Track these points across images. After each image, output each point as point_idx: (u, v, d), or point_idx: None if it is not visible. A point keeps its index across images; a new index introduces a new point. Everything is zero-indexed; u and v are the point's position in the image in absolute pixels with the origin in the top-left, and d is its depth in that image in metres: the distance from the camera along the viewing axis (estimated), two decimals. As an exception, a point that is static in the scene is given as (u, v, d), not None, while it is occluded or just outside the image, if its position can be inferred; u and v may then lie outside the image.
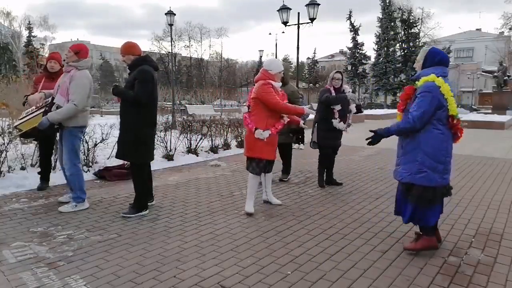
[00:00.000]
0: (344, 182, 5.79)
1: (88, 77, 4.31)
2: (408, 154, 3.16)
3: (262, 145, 4.20)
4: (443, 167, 3.08)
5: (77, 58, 4.22)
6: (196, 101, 36.73)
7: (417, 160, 3.09)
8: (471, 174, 6.38)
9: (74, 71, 4.19)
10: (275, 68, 4.28)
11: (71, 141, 4.26)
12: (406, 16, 37.84)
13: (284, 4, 14.11)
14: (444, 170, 3.11)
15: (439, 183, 3.09)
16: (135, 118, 4.02)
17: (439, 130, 3.05)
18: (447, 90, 2.99)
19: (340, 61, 53.62)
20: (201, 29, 52.81)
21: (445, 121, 3.06)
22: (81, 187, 4.32)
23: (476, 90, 44.28)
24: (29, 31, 44.25)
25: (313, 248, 3.32)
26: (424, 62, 3.15)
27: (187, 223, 3.94)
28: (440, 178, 3.09)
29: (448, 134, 3.10)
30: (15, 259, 3.04)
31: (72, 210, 4.21)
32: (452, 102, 3.01)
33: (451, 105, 3.01)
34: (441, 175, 3.09)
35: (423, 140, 3.08)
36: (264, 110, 4.19)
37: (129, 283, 2.69)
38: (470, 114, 20.43)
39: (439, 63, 3.10)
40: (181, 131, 8.22)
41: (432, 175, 3.06)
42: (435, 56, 3.12)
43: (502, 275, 2.84)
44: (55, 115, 4.09)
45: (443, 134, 3.06)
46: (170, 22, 18.72)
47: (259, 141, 4.17)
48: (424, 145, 3.07)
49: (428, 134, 3.07)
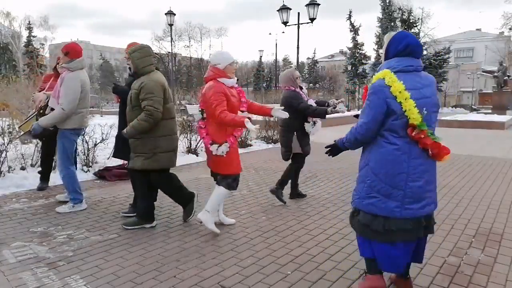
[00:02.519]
0: (344, 182, 5.79)
1: (80, 78, 4.10)
2: (360, 172, 2.48)
3: (229, 160, 3.51)
4: (402, 194, 2.28)
5: (68, 59, 4.07)
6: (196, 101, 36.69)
7: (366, 181, 2.39)
8: (471, 174, 6.38)
9: (65, 73, 4.08)
10: (223, 61, 3.54)
11: (62, 143, 4.20)
12: (406, 16, 37.80)
13: (284, 4, 14.13)
14: (407, 198, 2.28)
15: (397, 214, 2.28)
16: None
17: (393, 145, 2.28)
18: (399, 91, 2.21)
19: (340, 61, 53.62)
20: (201, 29, 52.86)
21: (403, 132, 2.27)
22: (74, 189, 4.28)
23: (476, 90, 44.24)
24: (29, 31, 44.20)
25: (313, 248, 3.32)
26: (387, 50, 2.40)
27: (187, 223, 3.94)
28: (399, 208, 2.28)
29: (411, 150, 2.28)
30: (15, 259, 3.04)
31: (69, 211, 4.20)
32: (409, 106, 2.21)
33: (409, 111, 2.21)
34: (400, 204, 2.28)
35: (372, 157, 2.37)
36: None
37: (129, 283, 2.69)
38: (470, 114, 20.43)
39: (404, 53, 2.32)
40: (181, 131, 8.22)
41: (385, 202, 2.30)
42: (398, 43, 2.33)
43: (502, 275, 2.83)
44: (44, 120, 4.05)
45: (399, 150, 2.27)
46: (170, 22, 18.74)
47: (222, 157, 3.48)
48: (373, 163, 2.35)
49: (377, 150, 2.34)
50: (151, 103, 3.49)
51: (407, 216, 2.30)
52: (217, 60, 3.56)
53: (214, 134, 3.50)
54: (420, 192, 2.31)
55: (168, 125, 3.70)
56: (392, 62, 2.34)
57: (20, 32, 44.25)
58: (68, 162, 4.28)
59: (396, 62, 2.32)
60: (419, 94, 2.27)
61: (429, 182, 2.35)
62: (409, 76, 2.28)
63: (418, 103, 2.23)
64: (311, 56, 58.72)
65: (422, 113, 2.23)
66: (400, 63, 2.31)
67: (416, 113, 2.22)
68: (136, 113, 3.58)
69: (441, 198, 4.61)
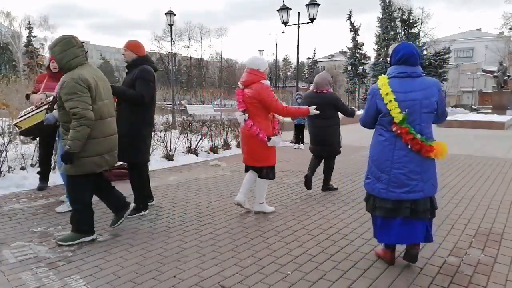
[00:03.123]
0: (344, 182, 5.79)
1: None
2: None
3: (272, 152, 4.12)
4: (388, 178, 2.73)
5: None
6: (196, 101, 36.71)
7: (367, 166, 2.96)
8: (471, 174, 6.38)
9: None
10: (263, 65, 4.08)
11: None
12: (406, 16, 37.81)
13: (284, 4, 14.11)
14: (391, 183, 2.72)
15: (382, 194, 2.77)
16: (133, 117, 3.99)
17: (382, 137, 2.79)
18: (385, 93, 2.68)
19: (340, 61, 53.63)
20: (201, 29, 52.88)
21: (389, 127, 2.73)
22: None
23: (476, 90, 44.29)
24: (29, 31, 44.21)
25: (313, 248, 3.32)
26: (390, 59, 2.89)
27: (187, 223, 3.94)
28: (385, 190, 2.76)
29: (396, 143, 2.72)
30: (15, 259, 3.04)
31: (68, 209, 4.20)
32: (392, 107, 2.65)
33: (392, 111, 2.66)
34: (386, 186, 2.75)
35: (372, 144, 2.92)
36: (265, 114, 4.05)
37: (129, 283, 2.69)
38: (470, 114, 20.44)
39: (399, 62, 2.76)
40: (181, 131, 8.23)
41: (375, 183, 2.83)
42: (396, 54, 2.78)
43: (502, 275, 2.83)
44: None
45: (386, 141, 2.76)
46: (170, 22, 18.72)
47: (268, 149, 4.05)
48: (372, 150, 2.91)
49: (373, 140, 2.90)
50: (75, 105, 3.11)
51: (391, 197, 2.74)
52: (258, 65, 4.06)
53: (265, 129, 4.01)
54: (403, 179, 2.71)
55: (97, 126, 3.27)
56: (389, 70, 2.83)
57: (20, 32, 44.25)
58: None
59: (392, 70, 2.80)
60: (405, 97, 2.67)
61: (413, 172, 2.71)
62: (401, 81, 2.72)
63: (402, 104, 2.66)
64: (311, 56, 58.88)
65: (403, 112, 2.64)
66: (394, 70, 2.78)
67: (397, 113, 2.65)
68: (62, 114, 3.27)
69: (441, 198, 4.61)
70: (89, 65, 3.40)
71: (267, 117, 4.08)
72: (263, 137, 3.97)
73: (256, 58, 4.18)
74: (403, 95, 2.66)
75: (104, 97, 3.37)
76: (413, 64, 2.74)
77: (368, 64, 41.84)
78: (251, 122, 4.03)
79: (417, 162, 2.70)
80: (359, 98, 41.77)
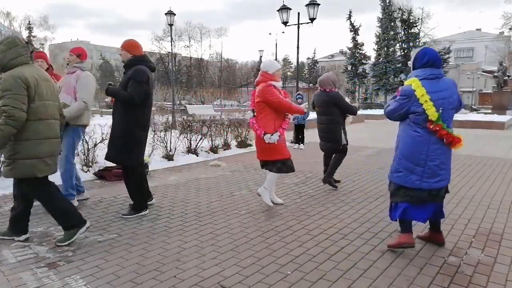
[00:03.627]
0: (344, 182, 5.79)
1: (93, 77, 4.58)
2: (395, 152, 3.23)
3: (279, 147, 4.28)
4: (422, 170, 3.02)
5: (80, 60, 4.48)
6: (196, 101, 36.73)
7: (396, 159, 3.16)
8: (471, 174, 6.38)
9: (79, 72, 4.41)
10: (271, 68, 4.35)
11: (72, 138, 4.38)
12: (406, 16, 37.79)
13: (284, 4, 14.11)
14: (425, 174, 3.03)
15: (416, 185, 3.05)
16: (126, 118, 3.98)
17: (417, 133, 3.02)
18: (421, 95, 2.93)
19: (340, 61, 53.60)
20: (201, 29, 52.96)
21: (424, 124, 2.99)
22: (71, 185, 4.41)
23: (476, 90, 44.25)
24: (29, 31, 44.26)
25: (313, 248, 3.32)
26: (414, 63, 3.14)
27: (187, 223, 3.94)
28: (419, 180, 3.04)
29: (430, 138, 3.00)
30: (15, 259, 3.04)
31: None
32: (428, 106, 2.92)
33: (428, 110, 2.92)
34: (420, 177, 3.03)
35: (401, 140, 3.14)
36: (270, 112, 4.27)
37: (129, 283, 2.69)
38: (470, 114, 20.44)
39: (427, 65, 3.04)
40: (181, 131, 8.23)
41: (407, 176, 3.06)
42: (422, 57, 3.07)
43: (502, 275, 2.83)
44: (68, 112, 4.06)
45: (421, 137, 3.01)
46: (170, 22, 18.71)
47: (273, 144, 4.23)
48: (401, 145, 3.13)
49: (405, 135, 3.10)
50: (7, 102, 2.97)
51: (425, 187, 3.04)
52: (268, 67, 4.36)
53: (266, 126, 4.25)
54: (436, 170, 3.03)
55: (33, 127, 3.13)
56: (418, 72, 3.06)
57: (20, 32, 44.25)
58: (72, 158, 4.45)
59: (420, 72, 3.04)
60: (437, 96, 2.94)
61: (443, 163, 3.06)
62: (430, 82, 2.98)
63: (436, 103, 2.93)
64: (311, 56, 58.78)
65: (438, 111, 2.92)
66: (423, 72, 3.03)
67: (433, 112, 2.92)
68: None
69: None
70: (33, 65, 3.29)
71: (269, 115, 4.27)
72: (260, 133, 4.27)
73: (266, 61, 4.56)
74: (435, 95, 2.94)
75: (46, 98, 3.22)
76: (439, 66, 3.08)
77: (368, 64, 41.81)
78: (253, 120, 4.38)
79: (446, 154, 3.07)
80: (359, 98, 41.73)
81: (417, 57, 3.10)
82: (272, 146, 4.26)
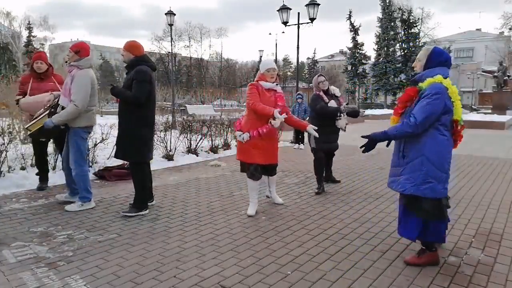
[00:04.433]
0: (344, 182, 5.79)
1: (90, 76, 4.24)
2: (412, 162, 2.85)
3: (248, 148, 4.16)
4: (446, 176, 2.84)
5: (78, 57, 4.19)
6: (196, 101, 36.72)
7: (422, 169, 2.79)
8: (471, 174, 6.38)
9: (75, 71, 4.17)
10: (261, 67, 4.30)
11: (75, 141, 4.26)
12: (406, 16, 37.80)
13: (284, 4, 14.12)
14: (446, 180, 2.87)
15: (442, 194, 2.84)
16: (133, 118, 4.04)
17: (444, 136, 2.79)
18: (455, 93, 2.78)
19: (340, 61, 53.62)
20: (201, 29, 52.95)
21: (449, 126, 2.83)
22: (86, 187, 4.33)
23: (476, 90, 44.28)
24: (29, 31, 44.26)
25: (313, 248, 3.32)
26: (427, 61, 2.89)
27: (187, 223, 3.94)
28: (443, 188, 2.84)
29: (450, 141, 2.87)
30: (15, 259, 3.04)
31: (78, 209, 4.22)
32: (458, 106, 2.81)
33: (457, 109, 2.80)
34: (443, 185, 2.84)
35: (428, 146, 2.78)
36: (251, 112, 4.20)
37: (129, 283, 2.69)
38: (470, 114, 20.44)
39: (444, 64, 2.86)
40: (181, 131, 8.23)
41: (437, 186, 2.80)
42: (440, 55, 2.87)
43: (502, 275, 2.83)
44: (58, 117, 4.11)
45: (448, 140, 2.82)
46: (170, 22, 18.73)
47: (244, 144, 4.17)
48: (429, 152, 2.78)
49: (433, 141, 2.78)
50: None
51: (446, 194, 2.88)
52: (260, 66, 4.35)
53: (243, 125, 4.25)
54: (449, 174, 2.89)
55: None
56: (438, 70, 2.82)
57: (20, 32, 44.29)
58: (81, 160, 4.32)
59: (441, 71, 2.83)
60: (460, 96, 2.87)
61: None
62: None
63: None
64: (311, 56, 58.84)
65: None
66: (444, 72, 2.83)
67: (460, 111, 2.83)
68: None
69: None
70: None
71: (250, 115, 4.22)
72: (236, 130, 4.35)
73: (263, 60, 4.64)
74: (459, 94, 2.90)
75: None
76: (450, 66, 2.97)
77: (368, 64, 41.83)
78: (241, 118, 4.47)
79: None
80: (359, 98, 41.75)
81: (431, 55, 2.87)
82: (241, 146, 4.23)
